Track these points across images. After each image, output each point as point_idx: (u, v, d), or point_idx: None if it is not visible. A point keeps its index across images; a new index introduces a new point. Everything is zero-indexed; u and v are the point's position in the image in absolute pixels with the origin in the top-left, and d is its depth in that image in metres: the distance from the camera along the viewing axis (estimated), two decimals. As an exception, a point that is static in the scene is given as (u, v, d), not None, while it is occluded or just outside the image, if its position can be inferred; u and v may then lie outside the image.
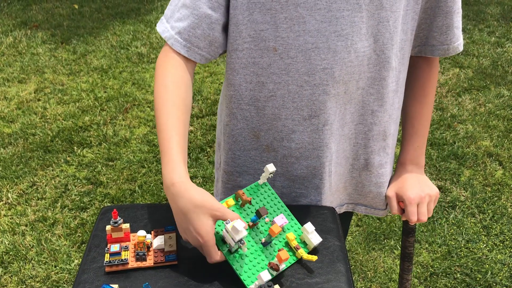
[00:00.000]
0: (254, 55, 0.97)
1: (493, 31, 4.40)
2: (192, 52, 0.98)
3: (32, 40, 4.28)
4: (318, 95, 0.98)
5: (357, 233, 2.40)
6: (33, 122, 3.17)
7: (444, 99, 3.44)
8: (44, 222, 2.43)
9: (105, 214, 1.02)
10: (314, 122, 1.01)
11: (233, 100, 1.04)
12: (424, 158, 1.16)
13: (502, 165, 2.82)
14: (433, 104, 1.15)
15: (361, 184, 1.14)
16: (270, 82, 0.99)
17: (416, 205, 1.08)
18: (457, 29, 1.04)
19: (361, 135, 1.06)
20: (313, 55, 0.94)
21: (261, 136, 1.05)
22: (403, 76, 1.06)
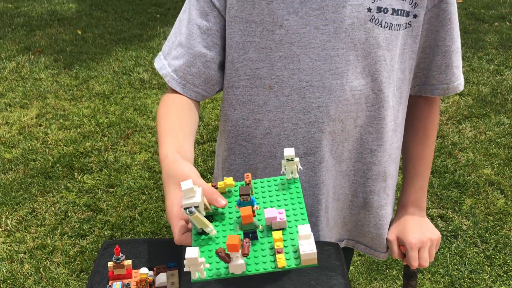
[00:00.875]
0: (251, 93, 0.98)
1: (492, 59, 4.44)
2: (188, 89, 0.99)
3: (35, 65, 4.32)
4: (313, 133, 0.97)
5: (359, 263, 2.37)
6: (34, 148, 3.17)
7: (444, 126, 3.45)
8: (43, 250, 2.41)
9: (106, 249, 1.01)
10: (310, 160, 1.00)
11: (230, 136, 1.05)
12: (426, 200, 1.14)
13: (504, 194, 2.81)
14: (434, 144, 1.14)
15: (360, 223, 1.12)
16: (266, 120, 0.99)
17: (418, 250, 1.06)
18: (457, 69, 1.04)
19: (360, 173, 1.05)
20: (307, 93, 0.94)
21: (258, 174, 1.05)
22: (402, 115, 1.06)
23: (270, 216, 0.70)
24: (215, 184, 0.78)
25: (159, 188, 2.83)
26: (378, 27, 0.92)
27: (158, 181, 2.89)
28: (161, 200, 2.74)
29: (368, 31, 0.92)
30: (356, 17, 0.91)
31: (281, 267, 0.65)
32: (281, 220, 0.70)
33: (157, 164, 3.03)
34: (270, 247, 0.69)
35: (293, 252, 0.67)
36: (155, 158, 3.09)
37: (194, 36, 0.97)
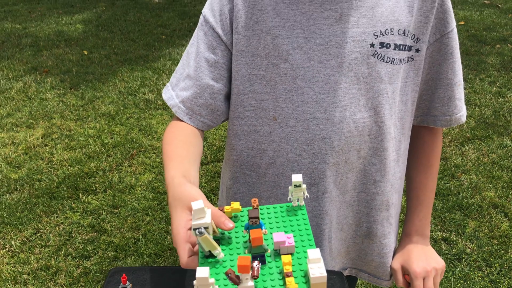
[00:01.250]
0: (255, 123, 1.00)
1: (494, 81, 4.47)
2: (195, 120, 1.02)
3: (41, 86, 4.37)
4: (317, 163, 0.99)
5: (362, 286, 2.37)
6: (40, 168, 3.20)
7: (447, 148, 3.46)
8: (47, 271, 2.41)
9: (113, 276, 1.02)
10: (313, 191, 1.02)
11: (235, 165, 1.07)
12: (430, 228, 1.15)
13: (508, 217, 2.81)
14: (437, 174, 1.15)
15: (364, 252, 1.13)
16: (270, 150, 1.01)
17: (422, 279, 1.07)
18: (459, 101, 1.06)
19: (364, 204, 1.07)
20: (311, 125, 0.96)
21: (262, 203, 1.07)
22: (404, 146, 1.07)
23: (279, 240, 0.70)
24: (221, 208, 0.78)
25: (163, 209, 2.84)
26: (381, 61, 0.94)
27: (162, 202, 2.90)
28: (165, 222, 2.75)
29: (370, 65, 0.94)
30: (359, 52, 0.93)
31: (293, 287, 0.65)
32: (289, 244, 0.70)
33: (161, 185, 3.04)
34: (278, 271, 0.69)
35: (302, 277, 0.67)
36: (159, 179, 3.11)
37: (202, 68, 1.00)
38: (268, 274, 0.69)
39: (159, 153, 3.37)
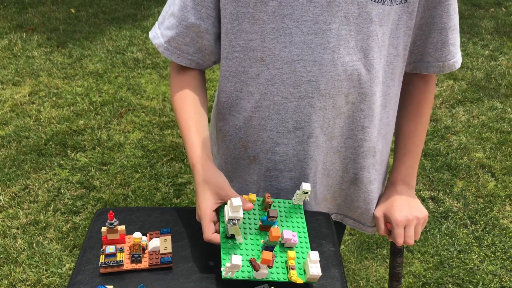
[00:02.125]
0: (244, 65, 0.98)
1: (486, 45, 4.45)
2: (183, 58, 1.03)
3: (27, 43, 4.28)
4: (303, 107, 0.97)
5: (349, 242, 2.40)
6: (27, 125, 3.16)
7: (438, 110, 3.46)
8: (36, 226, 2.41)
9: (100, 215, 1.01)
10: (298, 134, 1.00)
11: (225, 106, 1.06)
12: (416, 178, 1.14)
13: (495, 177, 2.84)
14: (427, 123, 1.13)
15: (350, 198, 1.13)
16: (257, 92, 0.99)
17: (403, 228, 1.06)
18: (453, 46, 1.03)
19: (351, 150, 1.06)
20: (298, 67, 0.94)
21: (249, 147, 1.06)
22: (393, 92, 1.05)
23: (288, 237, 0.90)
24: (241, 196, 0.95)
25: (152, 167, 2.83)
26: (372, 1, 0.91)
27: (151, 159, 2.89)
28: (154, 179, 2.75)
29: (361, 5, 0.91)
30: None
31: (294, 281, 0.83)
32: (294, 242, 0.90)
33: (150, 143, 3.03)
34: (282, 261, 0.88)
35: (299, 269, 0.87)
36: (149, 137, 3.09)
37: (188, 8, 0.97)
38: (275, 265, 0.87)
39: (148, 112, 3.34)
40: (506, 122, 3.33)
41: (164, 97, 3.53)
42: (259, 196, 1.09)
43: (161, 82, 3.73)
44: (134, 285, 0.86)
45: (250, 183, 1.10)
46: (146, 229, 0.97)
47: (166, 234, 0.94)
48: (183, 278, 0.87)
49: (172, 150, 2.98)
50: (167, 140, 3.06)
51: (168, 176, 2.77)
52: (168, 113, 3.34)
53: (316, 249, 0.94)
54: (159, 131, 3.15)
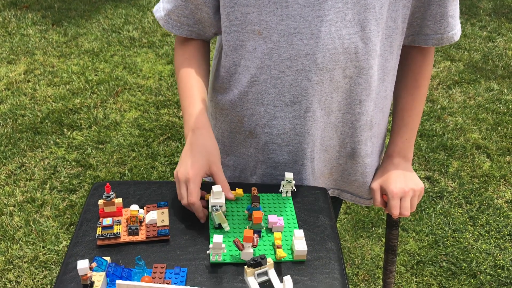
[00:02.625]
0: (242, 38, 0.98)
1: (484, 26, 4.43)
2: (184, 30, 1.04)
3: (22, 21, 4.23)
4: (300, 81, 0.97)
5: (345, 221, 2.42)
6: (23, 103, 3.14)
7: (434, 91, 3.46)
8: (32, 203, 2.42)
9: (97, 189, 1.01)
10: (296, 108, 1.00)
11: (224, 81, 1.06)
12: (413, 151, 1.14)
13: (490, 157, 2.85)
14: (425, 97, 1.13)
15: (347, 172, 1.14)
16: (253, 67, 0.99)
17: (399, 199, 1.06)
18: (452, 18, 1.02)
19: (348, 124, 1.06)
20: (295, 40, 0.93)
21: (244, 121, 1.06)
22: (392, 65, 1.05)
23: (273, 221, 0.92)
24: None
25: (149, 146, 2.83)
26: None
27: (148, 138, 2.89)
28: (151, 158, 2.75)
29: None
30: None
31: (281, 257, 0.85)
32: (280, 225, 0.92)
33: (147, 122, 3.02)
34: (271, 244, 0.90)
35: (288, 249, 0.89)
36: (145, 116, 3.08)
37: None
38: (263, 245, 0.90)
39: (144, 91, 3.32)
40: (502, 103, 3.33)
41: (161, 76, 3.51)
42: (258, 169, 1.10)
43: (157, 61, 3.70)
44: (131, 257, 0.86)
45: (247, 157, 1.10)
46: (143, 202, 0.98)
47: (163, 207, 0.94)
48: (180, 250, 0.88)
49: (168, 129, 2.97)
50: (164, 119, 3.06)
51: (165, 155, 2.77)
52: (164, 92, 3.32)
53: (313, 223, 0.95)
54: (155, 110, 3.14)
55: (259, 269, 0.72)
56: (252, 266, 0.71)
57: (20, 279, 2.07)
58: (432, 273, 2.16)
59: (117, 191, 1.00)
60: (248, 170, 1.12)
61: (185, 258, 0.86)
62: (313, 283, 0.83)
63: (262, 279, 0.72)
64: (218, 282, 0.82)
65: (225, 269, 0.85)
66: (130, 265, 0.85)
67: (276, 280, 0.72)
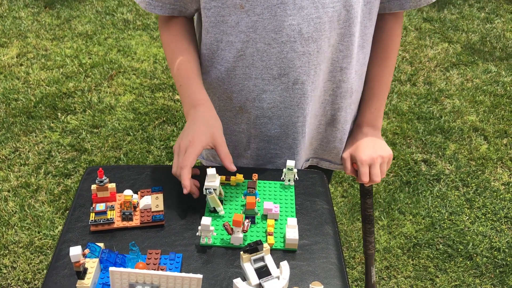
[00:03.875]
0: (223, 13, 0.96)
1: (482, 7, 4.38)
2: (166, 9, 1.02)
3: (13, 3, 4.15)
4: (286, 52, 0.96)
5: (342, 204, 2.41)
6: (16, 87, 3.10)
7: (432, 73, 3.43)
8: (27, 188, 2.40)
9: (90, 174, 0.99)
10: (284, 81, 0.99)
11: (206, 59, 1.05)
12: (382, 120, 1.16)
13: (487, 140, 2.84)
14: (394, 67, 1.14)
15: (326, 140, 1.14)
16: (238, 41, 0.97)
17: (368, 166, 1.09)
18: None
19: (329, 92, 1.06)
20: (279, 11, 0.92)
21: (234, 97, 1.05)
22: (370, 32, 1.04)
23: (268, 207, 0.90)
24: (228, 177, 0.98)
25: (144, 130, 2.80)
26: None
27: (143, 122, 2.86)
28: (147, 142, 2.72)
29: None
30: None
31: (270, 244, 0.84)
32: (275, 212, 0.90)
33: (141, 106, 2.99)
34: (263, 231, 0.88)
35: (281, 237, 0.87)
36: (140, 100, 3.04)
37: None
38: (255, 231, 0.88)
39: (139, 75, 3.28)
40: (500, 86, 3.31)
41: (155, 59, 3.47)
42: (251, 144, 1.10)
43: (152, 44, 3.65)
44: (125, 242, 0.85)
45: (238, 133, 1.10)
46: (137, 187, 0.96)
47: (157, 192, 0.93)
48: (175, 235, 0.86)
49: (164, 113, 2.94)
50: (159, 103, 3.02)
51: (160, 139, 2.74)
52: (159, 75, 3.28)
53: (310, 207, 0.94)
54: (150, 94, 3.10)
55: (255, 255, 0.70)
56: (248, 252, 0.70)
57: (16, 264, 2.06)
58: (428, 255, 2.16)
59: (111, 176, 0.98)
60: (241, 146, 1.12)
61: (180, 243, 0.85)
62: (310, 268, 0.82)
63: (258, 264, 0.70)
64: (214, 268, 0.81)
65: (221, 255, 0.83)
66: (124, 251, 0.83)
67: (273, 265, 0.71)
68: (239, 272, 0.80)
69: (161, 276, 0.67)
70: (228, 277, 0.79)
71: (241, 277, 0.71)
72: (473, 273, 2.09)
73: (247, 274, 0.69)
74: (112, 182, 0.95)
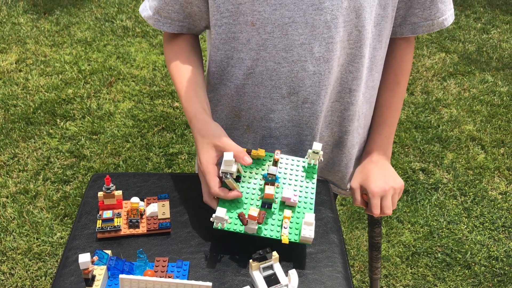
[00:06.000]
0: (234, 30, 0.95)
1: (479, 17, 4.43)
2: (174, 26, 1.00)
3: (13, 10, 4.16)
4: (296, 72, 0.95)
5: (341, 212, 2.42)
6: (15, 93, 3.10)
7: (429, 83, 3.46)
8: (25, 195, 2.39)
9: (96, 181, 1.00)
10: (293, 100, 0.98)
11: (215, 76, 1.04)
12: (391, 148, 1.13)
13: (484, 149, 2.86)
14: (404, 93, 1.12)
15: (332, 161, 1.13)
16: (248, 59, 0.96)
17: (380, 198, 1.04)
18: (442, 3, 1.00)
19: (337, 113, 1.05)
20: (290, 30, 0.91)
21: (242, 115, 1.04)
22: (380, 55, 1.03)
23: (287, 196, 0.86)
24: (249, 150, 0.93)
25: (143, 137, 2.81)
26: None
27: (142, 129, 2.86)
28: (146, 148, 2.72)
29: None
30: None
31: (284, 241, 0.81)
32: (294, 202, 0.87)
33: (141, 113, 2.99)
34: (279, 222, 0.85)
35: (295, 229, 0.84)
36: (139, 107, 3.05)
37: None
38: (271, 220, 0.86)
39: (138, 81, 3.29)
40: (497, 95, 3.34)
41: (155, 66, 3.48)
42: None
43: (151, 51, 3.66)
44: (132, 250, 0.85)
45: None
46: (143, 194, 0.96)
47: (164, 199, 0.93)
48: (182, 243, 0.87)
49: (163, 120, 2.95)
50: (158, 109, 3.03)
51: (159, 146, 2.75)
52: (158, 82, 3.29)
53: (315, 216, 0.94)
54: (149, 101, 3.11)
55: (264, 263, 0.71)
56: (257, 260, 0.70)
57: (14, 271, 2.05)
58: (427, 264, 2.17)
59: (117, 183, 0.99)
60: None
61: (186, 251, 0.85)
62: (316, 276, 0.82)
63: (267, 273, 0.71)
64: (220, 276, 0.81)
65: (228, 263, 0.84)
66: (131, 258, 0.83)
67: (282, 274, 0.72)
68: (246, 280, 0.80)
69: (171, 283, 0.67)
70: (235, 285, 0.79)
71: (249, 285, 0.71)
72: (471, 282, 2.10)
73: (256, 282, 0.70)
74: (118, 189, 0.96)
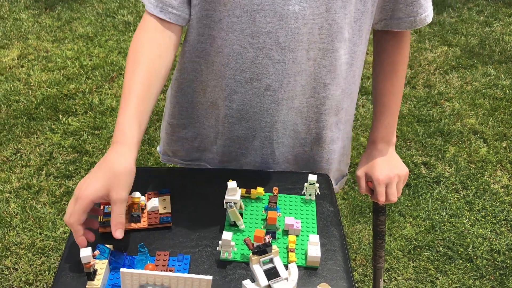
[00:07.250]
0: (208, 8, 0.96)
1: (481, 10, 4.41)
2: (166, 12, 0.95)
3: (14, 5, 4.16)
4: (261, 58, 0.96)
5: (343, 206, 2.42)
6: (17, 89, 3.10)
7: (432, 76, 3.45)
8: (28, 190, 2.40)
9: (97, 176, 1.00)
10: (255, 86, 0.99)
11: (186, 56, 1.05)
12: (395, 135, 1.14)
13: (487, 143, 2.86)
14: (404, 80, 1.13)
15: (313, 159, 1.13)
16: (219, 38, 0.97)
17: (385, 186, 1.07)
18: (425, 0, 1.01)
19: (313, 109, 1.05)
20: (258, 17, 0.92)
21: (208, 91, 1.06)
22: (360, 50, 1.03)
23: (289, 223, 0.88)
24: (248, 190, 0.97)
25: (146, 132, 2.81)
26: None
27: (144, 124, 2.87)
28: (148, 143, 2.73)
29: None
30: None
31: (292, 261, 0.82)
32: (297, 228, 0.88)
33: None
34: (284, 246, 0.87)
35: (302, 254, 0.85)
36: (141, 102, 3.05)
37: None
38: None
39: (140, 77, 3.29)
40: (499, 89, 3.33)
41: (156, 61, 3.48)
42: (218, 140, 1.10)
43: (152, 46, 3.66)
44: (134, 244, 0.86)
45: (207, 127, 1.11)
46: (144, 189, 0.97)
47: (165, 194, 0.94)
48: (183, 237, 0.87)
49: (165, 115, 2.95)
50: (160, 105, 3.03)
51: (161, 141, 2.75)
52: (160, 77, 3.29)
53: (316, 209, 0.95)
54: (151, 96, 3.11)
55: (264, 257, 0.71)
56: (257, 253, 0.71)
57: (18, 265, 2.06)
58: (429, 257, 2.18)
59: (118, 178, 0.99)
60: (209, 141, 1.13)
61: (187, 245, 0.86)
62: (316, 270, 0.83)
63: (267, 266, 0.71)
64: (222, 270, 0.82)
65: (229, 256, 0.84)
66: (133, 253, 0.84)
67: (282, 267, 0.72)
68: (247, 274, 0.81)
69: (172, 277, 0.68)
70: (236, 278, 0.80)
71: (250, 279, 0.72)
72: (473, 275, 2.11)
73: (256, 275, 0.70)
74: (120, 184, 0.96)
